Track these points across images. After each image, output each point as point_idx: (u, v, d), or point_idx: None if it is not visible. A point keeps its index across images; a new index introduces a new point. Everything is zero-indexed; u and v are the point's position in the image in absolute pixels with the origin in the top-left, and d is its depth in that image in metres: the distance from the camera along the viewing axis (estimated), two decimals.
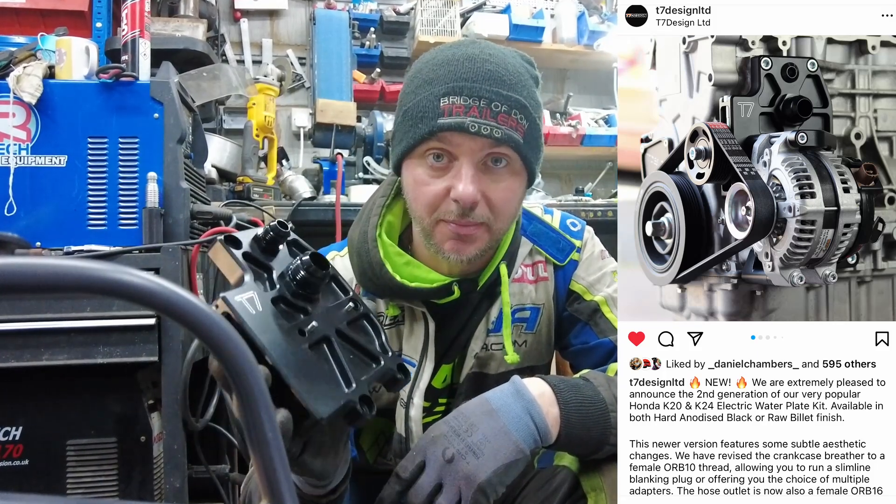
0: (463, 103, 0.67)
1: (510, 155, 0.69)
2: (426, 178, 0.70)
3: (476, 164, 0.68)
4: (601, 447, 0.65)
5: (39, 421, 1.16)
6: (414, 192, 0.72)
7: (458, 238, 0.71)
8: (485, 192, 0.69)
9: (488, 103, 0.67)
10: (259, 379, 0.30)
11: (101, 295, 0.26)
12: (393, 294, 0.75)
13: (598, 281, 0.82)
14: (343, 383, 0.52)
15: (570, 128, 2.73)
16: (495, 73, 0.68)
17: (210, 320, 0.28)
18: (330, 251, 0.84)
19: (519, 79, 0.70)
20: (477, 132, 0.66)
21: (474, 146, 0.68)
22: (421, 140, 0.69)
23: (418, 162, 0.71)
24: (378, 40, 2.73)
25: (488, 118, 0.67)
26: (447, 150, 0.69)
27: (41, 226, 1.21)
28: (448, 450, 0.59)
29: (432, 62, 0.71)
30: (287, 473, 0.32)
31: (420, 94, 0.70)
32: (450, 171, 0.69)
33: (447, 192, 0.69)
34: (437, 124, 0.67)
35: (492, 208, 0.70)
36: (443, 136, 0.68)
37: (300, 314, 0.53)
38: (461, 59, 0.69)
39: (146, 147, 1.24)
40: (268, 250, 0.55)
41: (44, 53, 1.30)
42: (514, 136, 0.68)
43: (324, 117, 2.14)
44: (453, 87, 0.67)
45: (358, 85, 2.58)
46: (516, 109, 0.68)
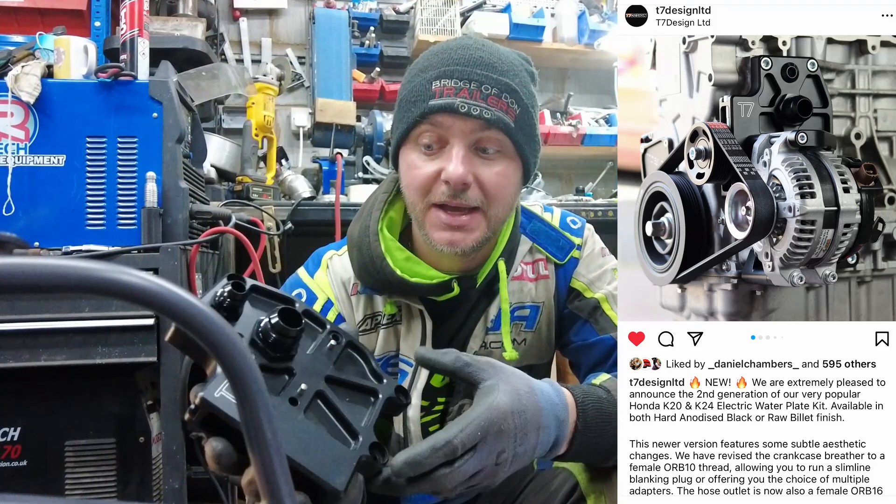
0: (453, 85, 0.68)
1: (502, 140, 0.70)
2: (418, 163, 0.71)
3: (467, 146, 0.69)
4: (613, 454, 0.63)
5: (38, 421, 1.17)
6: (407, 178, 0.73)
7: (451, 228, 0.70)
8: (477, 175, 0.70)
9: (478, 86, 0.68)
10: (258, 378, 0.30)
11: (99, 295, 0.26)
12: (392, 289, 0.75)
13: (598, 278, 0.82)
14: (349, 438, 0.50)
15: (571, 127, 2.73)
16: (486, 59, 0.70)
17: (208, 320, 0.28)
18: (328, 250, 0.84)
19: (511, 67, 0.71)
20: (467, 112, 0.67)
21: (465, 127, 0.68)
22: (413, 124, 0.70)
23: (412, 147, 0.72)
24: (378, 39, 2.73)
25: (478, 99, 0.68)
26: (438, 133, 0.70)
27: (39, 226, 1.22)
28: (502, 454, 0.56)
29: (427, 53, 0.74)
30: (286, 474, 0.32)
31: (414, 81, 0.72)
32: (442, 155, 0.70)
33: (438, 174, 0.70)
34: (427, 106, 0.69)
35: (485, 192, 0.70)
36: (433, 119, 0.69)
37: (283, 375, 0.50)
38: (454, 48, 0.72)
39: (145, 147, 1.25)
40: (230, 317, 0.50)
41: (42, 52, 1.31)
42: (504, 119, 0.69)
43: (323, 117, 2.14)
44: (444, 70, 0.69)
45: (357, 84, 2.59)
46: (507, 93, 0.69)
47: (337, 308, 0.80)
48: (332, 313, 0.79)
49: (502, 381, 0.58)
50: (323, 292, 0.80)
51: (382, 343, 0.79)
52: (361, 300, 0.80)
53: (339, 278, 0.81)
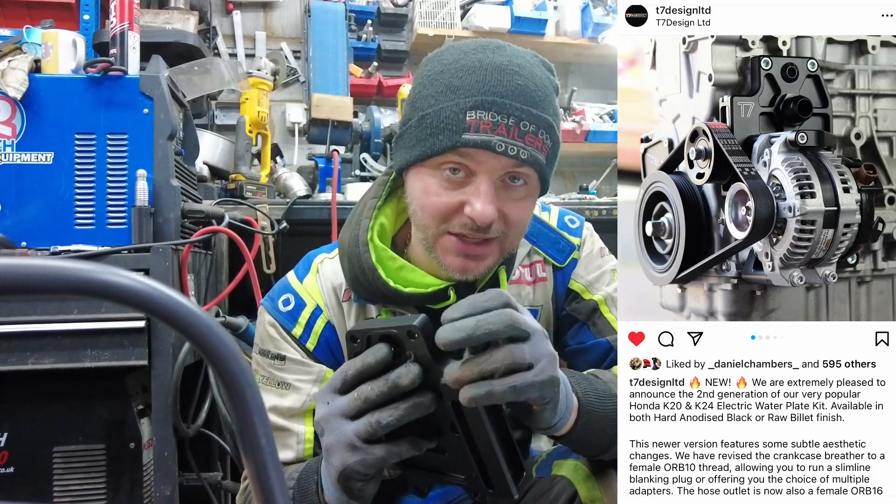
0: (491, 120, 0.66)
1: (531, 175, 0.69)
2: (439, 190, 0.70)
3: (494, 181, 0.68)
4: (612, 444, 0.64)
5: (25, 427, 1.17)
6: (423, 202, 0.71)
7: (466, 256, 0.71)
8: (502, 210, 0.69)
9: (517, 122, 0.66)
10: (252, 382, 0.30)
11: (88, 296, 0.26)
12: (386, 300, 0.76)
13: (597, 280, 0.83)
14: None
15: (574, 123, 2.75)
16: (524, 89, 0.67)
17: (201, 322, 0.29)
18: (319, 254, 0.84)
19: (546, 94, 0.69)
20: (503, 152, 0.66)
21: (497, 165, 0.67)
22: (440, 152, 0.68)
23: (432, 172, 0.70)
24: (375, 33, 2.76)
25: (516, 138, 0.66)
26: (466, 165, 0.68)
27: (27, 225, 1.23)
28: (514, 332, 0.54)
29: (455, 66, 0.69)
30: (281, 480, 0.32)
31: (443, 101, 0.68)
32: (466, 186, 0.69)
33: (461, 206, 0.69)
34: (461, 139, 0.66)
35: (507, 224, 0.71)
36: (465, 152, 0.67)
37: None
38: (489, 69, 0.67)
39: (135, 143, 1.25)
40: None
41: (29, 47, 1.32)
42: (538, 158, 0.68)
43: (319, 113, 2.16)
44: (481, 101, 0.66)
45: (354, 79, 2.60)
46: (544, 129, 0.68)
47: (326, 316, 0.79)
48: (321, 322, 0.78)
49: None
50: (312, 299, 0.79)
51: None
52: (354, 307, 0.79)
53: (329, 284, 0.80)
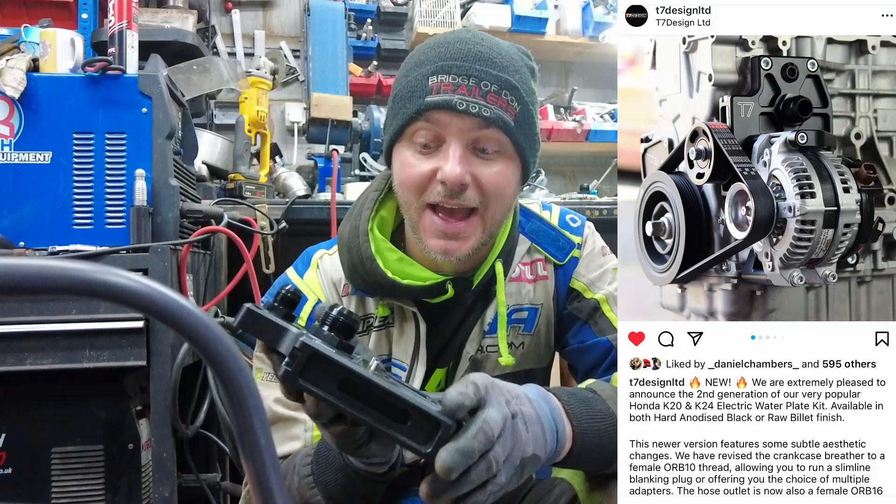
0: (451, 81, 0.69)
1: (501, 139, 0.71)
2: (413, 161, 0.72)
3: (465, 145, 0.70)
4: (611, 464, 0.64)
5: (23, 428, 1.18)
6: (401, 176, 0.74)
7: (446, 236, 0.72)
8: (475, 175, 0.71)
9: (477, 82, 0.69)
10: (251, 382, 0.31)
11: (86, 297, 0.26)
12: (383, 291, 0.77)
13: (598, 279, 0.84)
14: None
15: (575, 123, 2.75)
16: (485, 54, 0.71)
17: (199, 323, 0.29)
18: (318, 250, 0.85)
19: (511, 62, 0.72)
20: (465, 110, 0.68)
21: (462, 126, 0.69)
22: (409, 121, 0.71)
23: (406, 145, 0.73)
24: (375, 32, 2.76)
25: (477, 97, 0.69)
26: (434, 130, 0.70)
27: (25, 225, 1.23)
28: (511, 403, 0.54)
29: (424, 46, 0.75)
30: (280, 481, 0.33)
31: (410, 75, 0.72)
32: (438, 154, 0.71)
33: (434, 173, 0.71)
34: (423, 102, 0.69)
35: (483, 193, 0.71)
36: (430, 116, 0.70)
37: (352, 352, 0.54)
38: (452, 41, 0.72)
39: (134, 143, 1.26)
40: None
41: (27, 45, 1.33)
42: (503, 117, 0.69)
43: (319, 112, 2.16)
44: (441, 65, 0.70)
45: (354, 78, 2.61)
46: (507, 90, 0.70)
47: None
48: None
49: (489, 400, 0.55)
50: (313, 293, 0.81)
51: (374, 346, 0.80)
52: (353, 301, 0.81)
53: (329, 278, 0.82)
